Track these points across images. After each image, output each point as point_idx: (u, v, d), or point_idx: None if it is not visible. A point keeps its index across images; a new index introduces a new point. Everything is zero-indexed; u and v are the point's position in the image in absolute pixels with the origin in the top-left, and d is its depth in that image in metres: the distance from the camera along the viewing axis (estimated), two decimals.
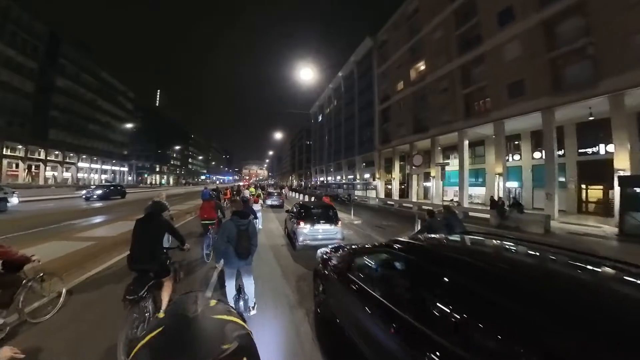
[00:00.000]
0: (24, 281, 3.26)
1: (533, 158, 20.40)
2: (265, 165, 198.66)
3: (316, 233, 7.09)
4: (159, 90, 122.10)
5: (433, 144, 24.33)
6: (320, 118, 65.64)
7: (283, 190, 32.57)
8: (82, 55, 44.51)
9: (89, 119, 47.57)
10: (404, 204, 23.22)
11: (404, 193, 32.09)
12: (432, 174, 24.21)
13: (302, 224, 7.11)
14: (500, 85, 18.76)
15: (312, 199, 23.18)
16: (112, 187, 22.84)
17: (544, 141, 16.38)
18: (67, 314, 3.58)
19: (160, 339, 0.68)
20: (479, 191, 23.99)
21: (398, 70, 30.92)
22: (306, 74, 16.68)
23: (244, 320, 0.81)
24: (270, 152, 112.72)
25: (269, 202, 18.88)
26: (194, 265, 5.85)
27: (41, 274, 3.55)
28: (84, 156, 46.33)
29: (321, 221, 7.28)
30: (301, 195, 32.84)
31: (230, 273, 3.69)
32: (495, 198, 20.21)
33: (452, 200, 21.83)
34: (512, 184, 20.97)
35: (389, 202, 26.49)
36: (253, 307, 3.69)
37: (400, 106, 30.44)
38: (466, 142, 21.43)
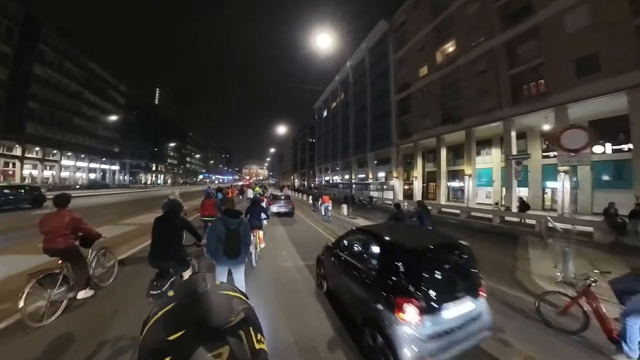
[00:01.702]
0: (95, 252, 4.50)
1: (592, 153, 17.11)
2: (266, 165, 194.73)
3: (448, 328, 2.60)
4: (157, 88, 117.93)
5: (468, 136, 20.64)
6: (325, 113, 61.81)
7: (283, 190, 29.06)
8: (65, 42, 40.32)
9: (75, 112, 43.37)
10: (445, 209, 18.33)
11: (425, 194, 28.52)
12: (468, 172, 20.57)
13: (411, 310, 2.48)
14: (562, 62, 15.28)
15: (304, 197, 19.26)
16: (7, 190, 13.98)
17: (631, 129, 12.91)
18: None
19: (173, 313, 0.72)
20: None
21: (420, 54, 27.10)
22: (313, 47, 14.03)
23: (247, 297, 0.87)
24: (272, 150, 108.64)
25: (274, 208, 14.63)
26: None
27: (103, 250, 4.78)
28: (68, 153, 42.36)
29: (457, 293, 2.76)
30: (304, 195, 29.22)
31: (222, 271, 3.55)
32: (525, 199, 16.87)
33: (497, 203, 18.23)
34: (558, 185, 17.59)
35: None
36: None
37: (423, 94, 26.65)
38: (513, 133, 17.80)
